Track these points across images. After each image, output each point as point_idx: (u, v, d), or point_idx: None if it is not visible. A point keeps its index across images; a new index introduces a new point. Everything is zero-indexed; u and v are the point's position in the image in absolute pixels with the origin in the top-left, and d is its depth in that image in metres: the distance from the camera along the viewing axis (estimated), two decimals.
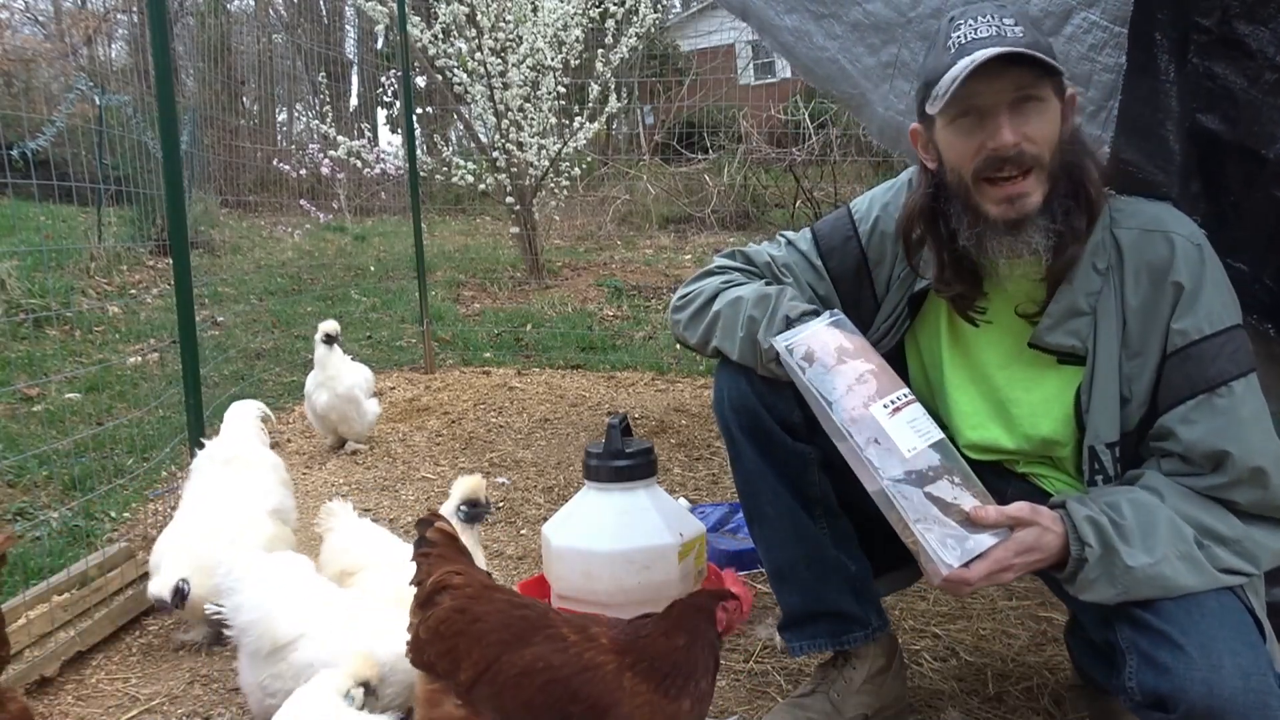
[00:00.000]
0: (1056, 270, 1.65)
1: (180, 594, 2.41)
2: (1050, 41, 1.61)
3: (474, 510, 2.40)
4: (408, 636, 1.65)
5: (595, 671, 1.49)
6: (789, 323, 1.77)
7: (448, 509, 2.34)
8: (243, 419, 3.02)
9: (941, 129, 1.67)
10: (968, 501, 1.55)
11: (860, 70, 2.58)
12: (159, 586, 2.42)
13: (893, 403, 1.62)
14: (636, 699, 1.47)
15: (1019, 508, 1.54)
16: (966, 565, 1.51)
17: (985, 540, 1.52)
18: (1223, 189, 1.84)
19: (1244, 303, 1.81)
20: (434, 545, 1.71)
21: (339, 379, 4.29)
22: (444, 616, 1.60)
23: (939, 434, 1.63)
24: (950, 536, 1.52)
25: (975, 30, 1.58)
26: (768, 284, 1.92)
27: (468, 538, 2.10)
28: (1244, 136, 1.76)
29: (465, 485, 2.39)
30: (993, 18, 1.59)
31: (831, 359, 1.68)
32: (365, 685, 1.79)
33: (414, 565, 1.71)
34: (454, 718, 1.54)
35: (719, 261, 2.06)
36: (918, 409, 1.64)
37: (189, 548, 2.49)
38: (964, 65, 1.54)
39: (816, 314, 1.80)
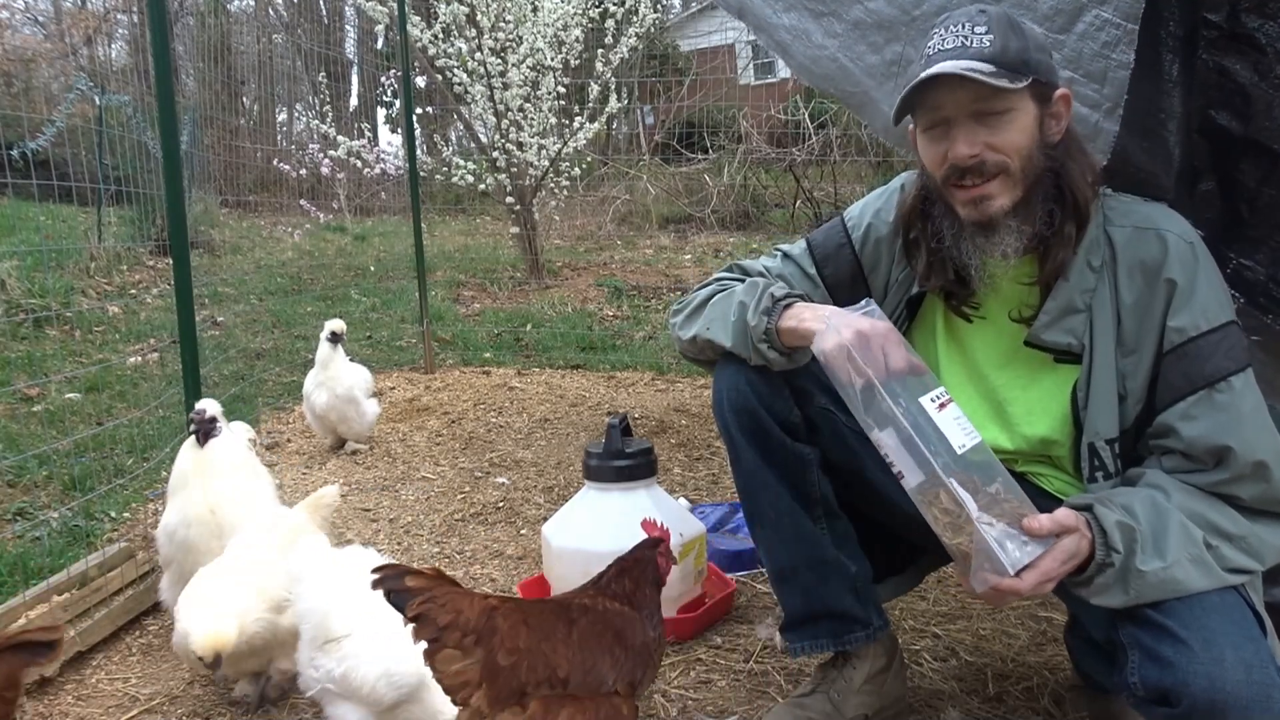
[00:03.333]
0: (1047, 275, 1.67)
1: (215, 422, 2.55)
2: (1025, 46, 1.58)
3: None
4: (462, 683, 1.52)
5: (623, 615, 1.70)
6: (775, 300, 1.76)
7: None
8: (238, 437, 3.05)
9: (918, 137, 1.72)
10: (1015, 506, 1.51)
11: (863, 69, 2.58)
12: (208, 403, 2.58)
13: (937, 398, 1.57)
14: (648, 635, 1.70)
15: (1066, 515, 1.51)
16: (1017, 574, 1.47)
17: (1037, 547, 1.48)
18: (1236, 187, 1.83)
19: (1259, 304, 1.80)
20: (428, 590, 1.53)
21: (338, 379, 4.29)
22: (515, 632, 1.56)
23: (979, 435, 1.57)
24: (1009, 538, 1.47)
25: (943, 41, 1.62)
26: None
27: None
28: (1256, 133, 1.76)
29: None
30: (963, 26, 1.61)
31: (874, 348, 1.60)
32: None
33: (418, 619, 1.52)
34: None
35: (715, 275, 2.06)
36: (958, 408, 1.58)
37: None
38: (911, 84, 1.61)
39: (802, 297, 1.80)
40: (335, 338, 4.35)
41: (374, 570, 1.54)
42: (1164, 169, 1.86)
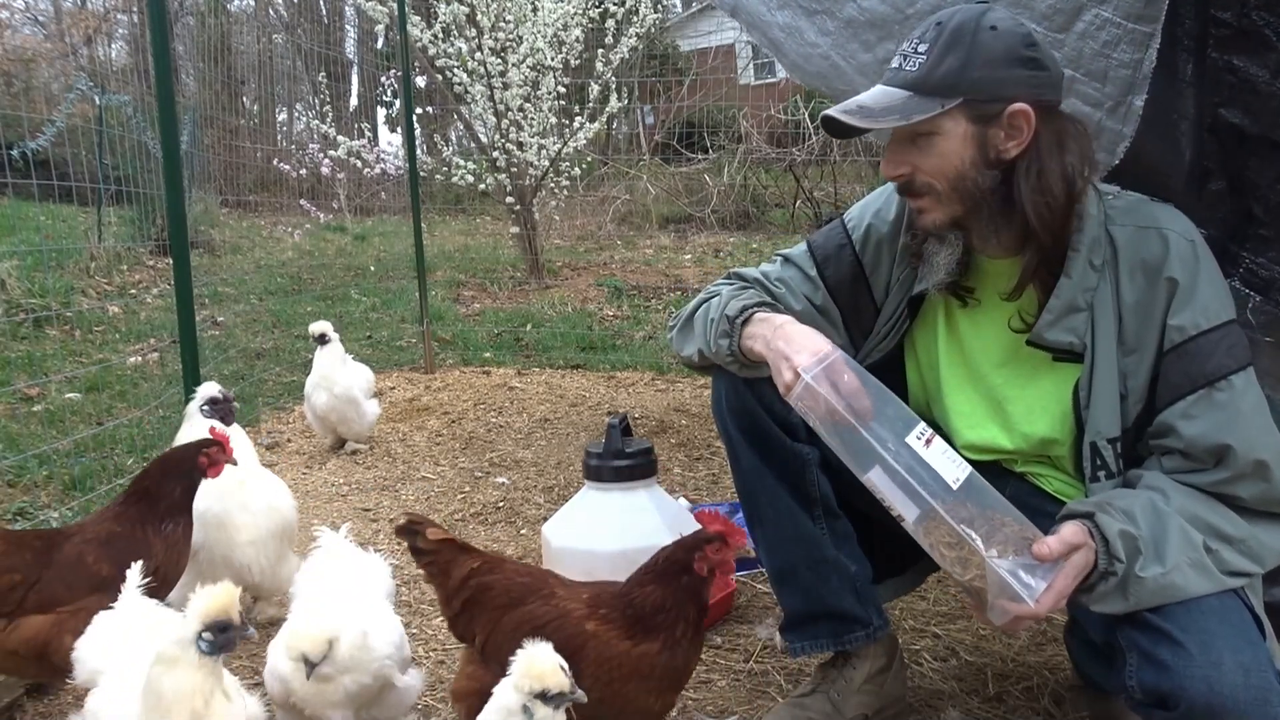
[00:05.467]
0: (1018, 287, 1.68)
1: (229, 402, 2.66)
2: (963, 65, 1.56)
3: (221, 636, 1.51)
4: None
5: (565, 619, 1.71)
6: (731, 321, 1.77)
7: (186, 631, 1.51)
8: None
9: None
10: (1017, 530, 1.49)
11: (855, 67, 2.57)
12: (211, 387, 2.71)
13: (921, 435, 1.55)
14: (599, 641, 1.67)
15: (1073, 532, 1.49)
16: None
17: (1048, 570, 1.47)
18: (1248, 185, 1.82)
19: (1276, 301, 1.79)
20: (435, 553, 1.85)
21: (336, 380, 4.28)
22: (467, 594, 1.83)
23: (969, 466, 1.56)
24: (1022, 568, 1.45)
25: (894, 58, 1.67)
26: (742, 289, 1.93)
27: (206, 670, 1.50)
28: (1268, 130, 1.74)
29: (207, 604, 1.51)
30: (912, 43, 1.64)
31: (857, 392, 1.58)
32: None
33: (424, 572, 1.89)
34: (475, 675, 1.78)
35: (710, 286, 2.06)
36: (942, 441, 1.57)
37: None
38: (825, 115, 1.68)
39: (773, 306, 1.81)
40: (322, 339, 4.34)
41: (405, 514, 1.90)
42: (1174, 169, 1.85)
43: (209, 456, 2.24)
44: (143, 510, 2.17)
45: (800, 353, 1.59)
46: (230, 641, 1.52)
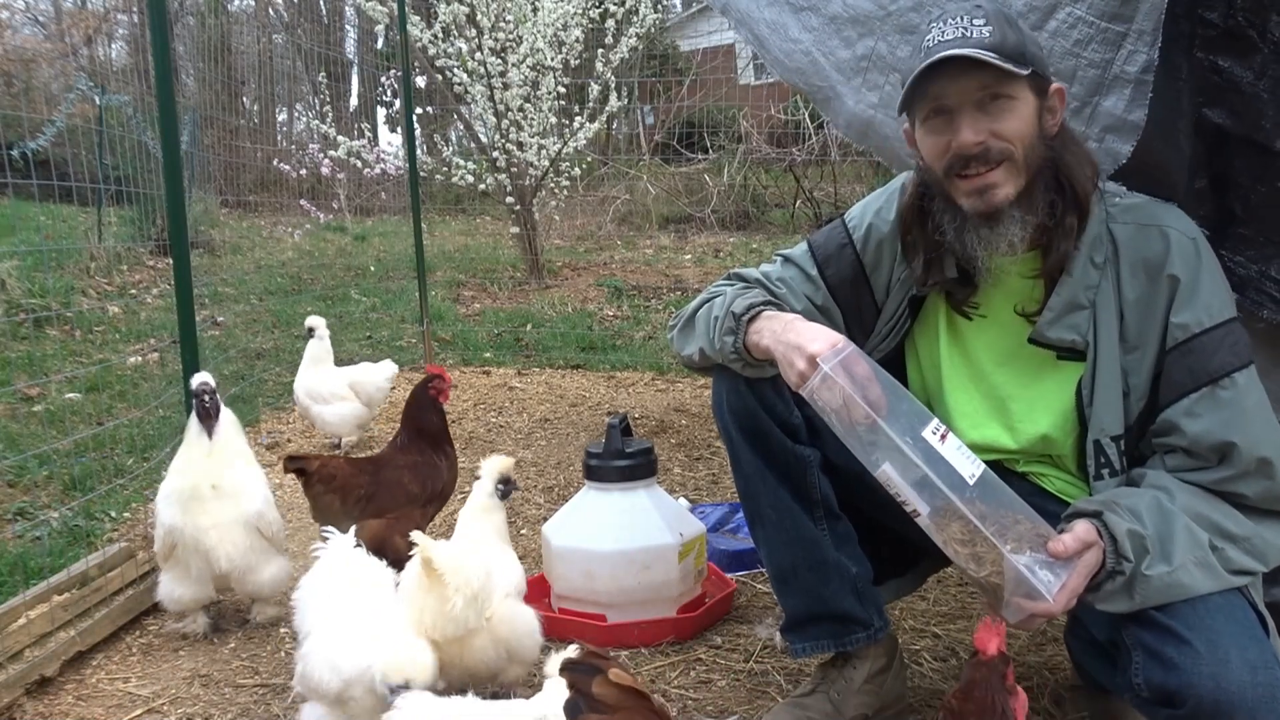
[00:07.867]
0: (1050, 267, 1.67)
1: (214, 393, 2.63)
2: (1022, 39, 1.61)
3: (506, 488, 2.33)
4: None
5: None
6: (738, 318, 1.77)
7: (484, 488, 2.28)
8: None
9: (918, 129, 1.72)
10: (1030, 527, 1.49)
11: (833, 64, 2.59)
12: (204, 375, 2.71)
13: (936, 430, 1.54)
14: None
15: (1086, 530, 1.50)
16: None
17: (1062, 566, 1.46)
18: (1230, 184, 1.83)
19: (1251, 299, 1.79)
20: (611, 709, 1.24)
21: (300, 380, 4.39)
22: None
23: (982, 463, 1.55)
24: (1039, 565, 1.45)
25: (943, 33, 1.62)
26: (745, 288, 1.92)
27: (498, 516, 2.30)
28: (1252, 130, 1.75)
29: (498, 465, 2.31)
30: (961, 19, 1.61)
31: (873, 385, 1.57)
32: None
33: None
34: None
35: (711, 286, 2.06)
36: (956, 438, 1.56)
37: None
38: (919, 68, 1.60)
39: (779, 306, 1.80)
40: (309, 332, 4.45)
41: (579, 657, 1.30)
42: (1178, 168, 1.85)
43: (435, 388, 2.79)
44: (425, 443, 2.78)
45: (816, 344, 1.59)
46: (509, 494, 2.30)
